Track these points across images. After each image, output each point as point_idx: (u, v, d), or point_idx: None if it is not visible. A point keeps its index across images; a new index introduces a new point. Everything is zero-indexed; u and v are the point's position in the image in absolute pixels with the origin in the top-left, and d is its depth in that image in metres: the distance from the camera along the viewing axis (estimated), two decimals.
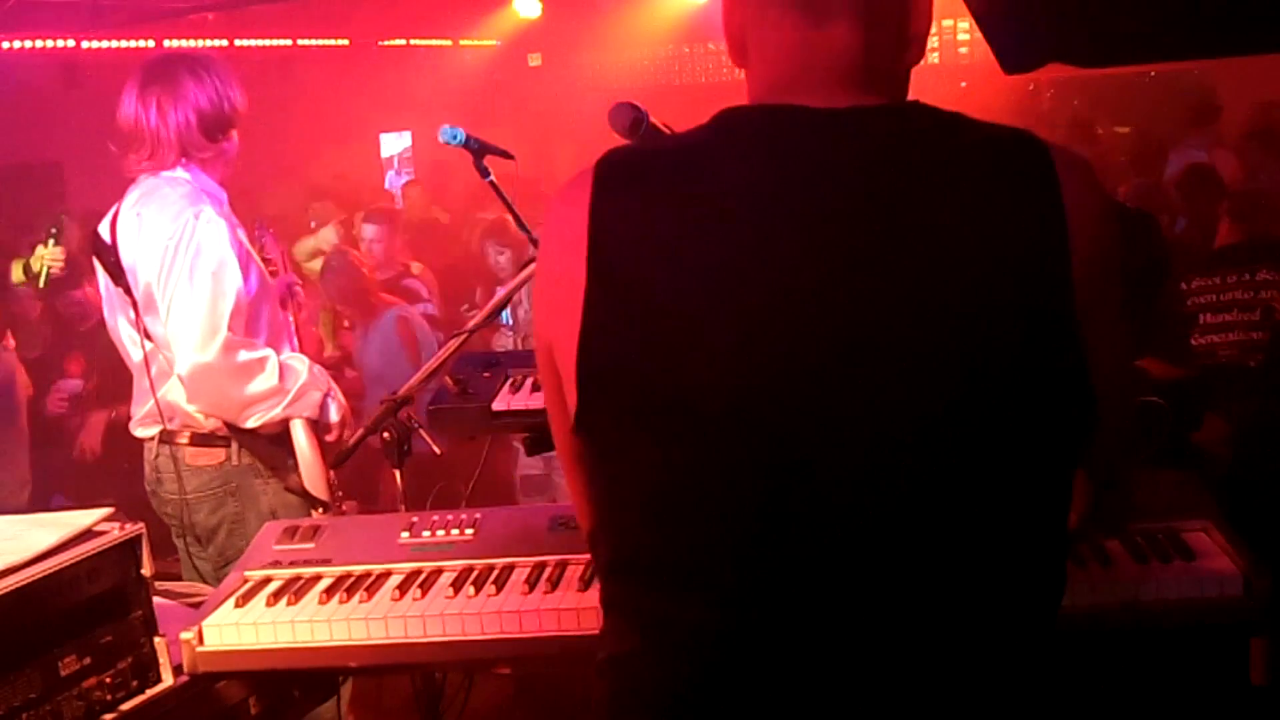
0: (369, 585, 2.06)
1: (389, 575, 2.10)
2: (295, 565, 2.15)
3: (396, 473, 2.53)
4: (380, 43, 11.05)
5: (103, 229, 3.03)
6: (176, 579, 2.93)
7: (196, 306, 2.84)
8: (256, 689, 2.08)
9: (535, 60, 12.65)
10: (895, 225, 1.19)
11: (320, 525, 2.28)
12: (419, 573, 2.09)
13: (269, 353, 2.94)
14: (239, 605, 2.05)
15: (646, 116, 2.19)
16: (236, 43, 8.96)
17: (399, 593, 2.01)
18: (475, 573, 2.06)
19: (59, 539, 1.88)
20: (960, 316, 1.17)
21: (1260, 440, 3.20)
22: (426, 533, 2.19)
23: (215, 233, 2.89)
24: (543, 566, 2.06)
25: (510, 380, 2.62)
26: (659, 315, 1.19)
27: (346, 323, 5.74)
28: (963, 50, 10.98)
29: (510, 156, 2.89)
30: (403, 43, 11.31)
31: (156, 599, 2.04)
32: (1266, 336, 4.28)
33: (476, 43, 12.24)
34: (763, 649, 1.20)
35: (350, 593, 2.04)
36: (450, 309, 6.05)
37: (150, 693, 1.96)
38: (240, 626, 1.99)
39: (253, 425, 2.95)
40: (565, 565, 2.06)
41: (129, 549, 1.96)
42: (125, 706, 1.91)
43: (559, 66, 12.60)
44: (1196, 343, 4.36)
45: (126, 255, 2.96)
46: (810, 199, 1.20)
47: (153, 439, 3.06)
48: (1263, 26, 2.98)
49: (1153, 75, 10.00)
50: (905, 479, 1.18)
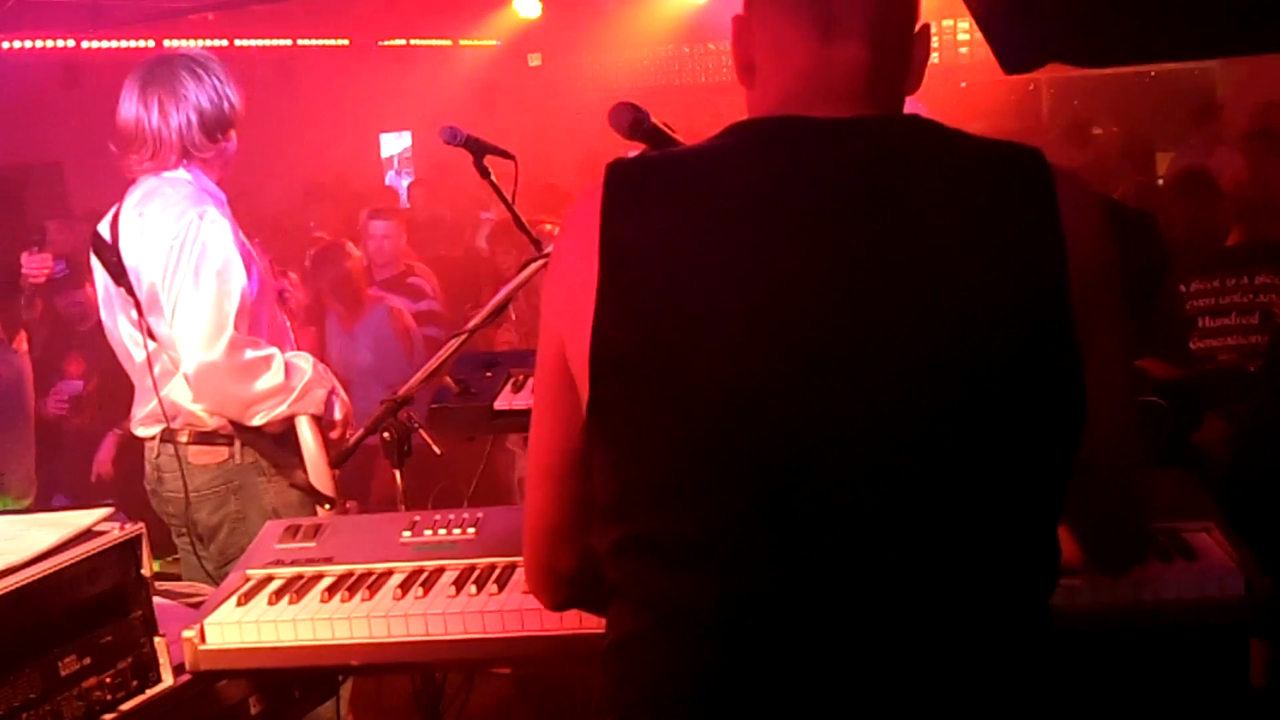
0: (371, 584, 2.06)
1: (391, 574, 2.10)
2: (297, 564, 2.15)
3: (396, 473, 2.53)
4: (380, 43, 11.06)
5: (103, 229, 3.03)
6: (176, 579, 2.93)
7: (202, 306, 2.84)
8: (257, 689, 2.08)
9: (535, 60, 12.67)
10: (896, 228, 1.22)
11: (322, 524, 2.27)
12: (421, 572, 2.09)
13: (274, 351, 2.94)
14: (241, 604, 2.05)
15: (647, 116, 2.19)
16: (236, 43, 8.97)
17: (401, 592, 2.01)
18: (477, 572, 2.06)
19: (59, 539, 1.88)
20: (959, 318, 1.20)
21: (1260, 440, 3.19)
22: (428, 532, 2.18)
23: (219, 233, 2.89)
24: None
25: (511, 380, 2.63)
26: (664, 310, 1.23)
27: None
28: (963, 50, 11.00)
29: (510, 156, 2.89)
30: (403, 43, 11.33)
31: (156, 599, 2.04)
32: (1265, 340, 4.26)
33: (476, 43, 12.26)
34: (768, 625, 1.22)
35: (352, 591, 2.04)
36: (455, 309, 6.06)
37: (150, 693, 1.96)
38: (242, 625, 1.99)
39: (258, 423, 2.94)
40: None
41: (129, 549, 1.96)
42: (125, 706, 1.91)
43: (559, 66, 12.61)
44: (1195, 346, 4.34)
45: (129, 255, 2.95)
46: (813, 201, 1.23)
47: (154, 438, 3.05)
48: (1263, 26, 2.98)
49: (1153, 75, 10.02)
50: (904, 476, 1.20)
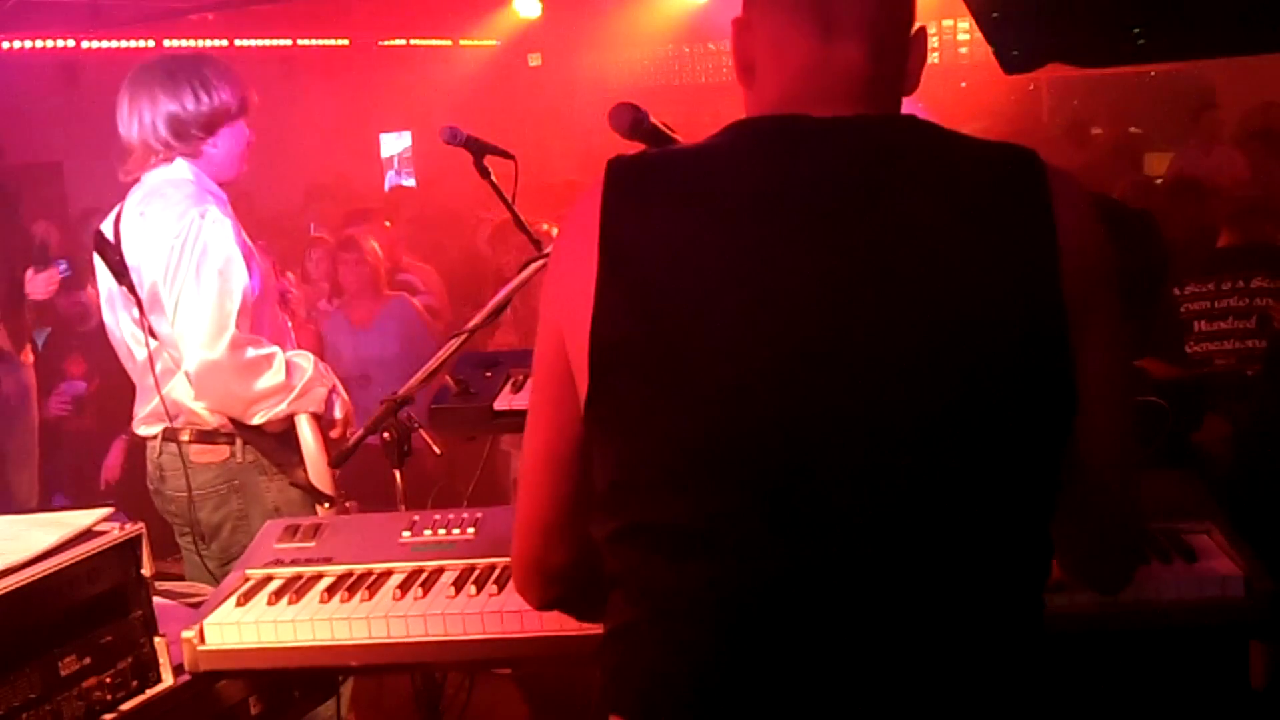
0: (370, 584, 2.05)
1: (390, 574, 2.09)
2: (297, 564, 2.14)
3: (396, 473, 2.52)
4: (380, 43, 11.06)
5: (106, 228, 3.03)
6: (177, 579, 2.93)
7: (204, 304, 2.85)
8: (256, 689, 2.08)
9: (535, 60, 12.67)
10: (893, 227, 1.22)
11: (321, 524, 2.27)
12: (420, 572, 2.09)
13: (275, 349, 2.94)
14: (240, 604, 2.05)
15: (646, 117, 2.19)
16: (236, 43, 8.97)
17: (400, 592, 2.01)
18: (477, 572, 2.06)
19: (59, 539, 1.88)
20: (954, 315, 1.21)
21: (1261, 441, 3.19)
22: (428, 532, 2.18)
23: (221, 231, 2.89)
24: None
25: (511, 380, 2.62)
26: (664, 305, 1.23)
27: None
28: (963, 50, 11.00)
29: (510, 156, 2.89)
30: (403, 43, 11.33)
31: (156, 599, 2.03)
32: (1263, 345, 4.24)
33: (476, 43, 12.26)
34: (766, 617, 1.23)
35: (352, 592, 2.04)
36: (455, 309, 6.07)
37: (150, 693, 1.95)
38: (241, 625, 1.98)
39: (259, 421, 2.94)
40: None
41: (129, 549, 1.95)
42: (125, 706, 1.91)
43: (559, 66, 12.61)
44: (1192, 350, 4.33)
45: (131, 254, 2.95)
46: (811, 199, 1.24)
47: (156, 437, 3.05)
48: (1263, 26, 2.98)
49: (1153, 75, 10.02)
50: (901, 472, 1.21)
